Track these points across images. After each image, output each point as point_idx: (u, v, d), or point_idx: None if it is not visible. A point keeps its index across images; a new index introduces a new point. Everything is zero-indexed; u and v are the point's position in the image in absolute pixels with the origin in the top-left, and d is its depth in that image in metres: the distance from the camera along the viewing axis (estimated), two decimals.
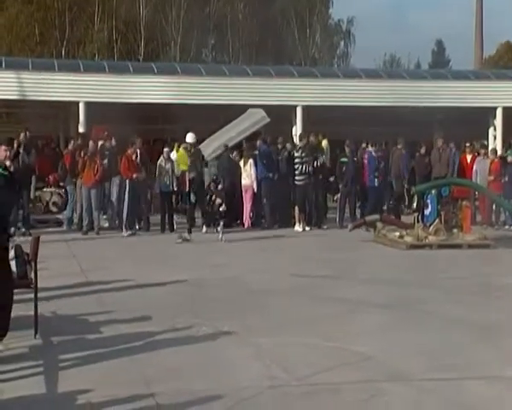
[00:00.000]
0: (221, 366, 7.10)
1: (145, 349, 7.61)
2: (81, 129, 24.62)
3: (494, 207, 19.94)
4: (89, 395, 6.14)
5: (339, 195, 20.70)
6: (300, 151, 19.35)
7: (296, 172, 19.20)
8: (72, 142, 20.18)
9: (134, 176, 18.38)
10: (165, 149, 19.27)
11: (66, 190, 20.04)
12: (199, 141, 23.64)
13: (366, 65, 52.97)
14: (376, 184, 19.90)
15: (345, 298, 10.46)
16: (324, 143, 21.91)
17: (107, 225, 19.37)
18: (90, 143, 18.97)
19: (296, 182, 19.23)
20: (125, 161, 18.41)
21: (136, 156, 18.78)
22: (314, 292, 10.97)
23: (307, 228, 19.20)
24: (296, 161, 19.25)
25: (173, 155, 20.00)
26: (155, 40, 50.05)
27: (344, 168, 19.97)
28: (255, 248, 16.30)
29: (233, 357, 7.41)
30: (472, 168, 20.49)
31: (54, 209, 22.06)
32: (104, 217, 20.20)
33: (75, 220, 19.08)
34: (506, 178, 19.58)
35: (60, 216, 20.27)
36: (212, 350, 7.65)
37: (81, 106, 25.83)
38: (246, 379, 6.66)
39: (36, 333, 7.93)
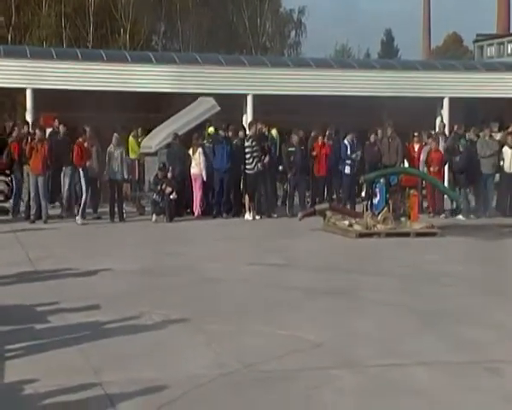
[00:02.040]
0: (171, 354, 7.07)
1: (94, 338, 7.53)
2: (28, 116, 24.27)
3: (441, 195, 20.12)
4: (36, 385, 6.06)
5: (287, 183, 20.77)
6: (250, 140, 19.32)
7: (246, 161, 19.17)
8: (16, 129, 19.81)
9: (87, 164, 18.19)
10: (115, 136, 19.02)
11: (12, 178, 19.71)
12: (150, 130, 23.61)
13: (317, 55, 53.16)
14: (348, 172, 20.10)
15: (295, 286, 10.49)
16: (274, 132, 21.91)
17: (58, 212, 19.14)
18: (37, 130, 18.68)
19: (246, 171, 19.19)
20: (78, 150, 18.18)
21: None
22: (265, 280, 10.99)
23: (257, 217, 19.21)
24: (247, 150, 19.21)
25: None
26: (105, 27, 49.57)
27: (292, 158, 20.00)
28: (206, 237, 16.25)
29: (184, 345, 7.38)
30: (419, 157, 20.69)
31: (0, 198, 21.67)
32: (51, 205, 19.95)
33: (22, 209, 18.80)
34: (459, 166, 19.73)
35: (6, 205, 19.94)
36: (162, 338, 7.61)
37: (28, 93, 25.47)
38: (196, 367, 6.63)
39: None
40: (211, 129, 21.55)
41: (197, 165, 19.37)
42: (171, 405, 5.71)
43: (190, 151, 19.65)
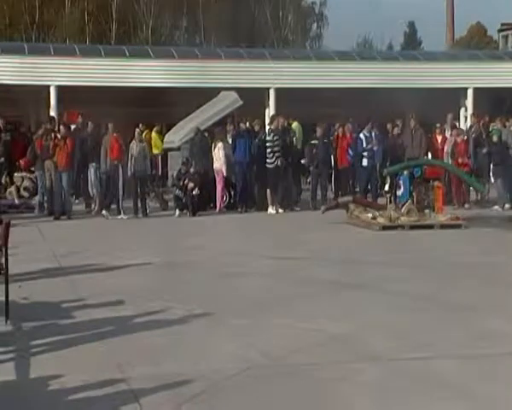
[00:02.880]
0: (195, 348, 7.09)
1: (118, 334, 7.57)
2: (52, 113, 24.43)
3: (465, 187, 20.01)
4: (61, 381, 6.10)
5: (310, 177, 20.77)
6: (272, 135, 19.30)
7: (268, 156, 19.14)
8: (42, 126, 19.98)
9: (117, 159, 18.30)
10: (137, 132, 19.09)
11: (36, 175, 19.86)
12: (173, 124, 23.64)
13: (339, 47, 52.96)
14: (366, 164, 20.05)
15: (318, 279, 10.49)
16: (295, 125, 21.86)
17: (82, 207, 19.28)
18: (61, 126, 18.81)
19: (268, 165, 19.16)
20: (116, 145, 18.26)
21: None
22: (288, 274, 11.00)
23: (280, 210, 19.19)
24: (268, 144, 19.19)
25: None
26: (127, 23, 49.74)
27: (314, 150, 19.98)
28: (229, 231, 16.30)
29: (207, 339, 7.40)
30: (443, 149, 20.58)
31: (25, 194, 21.82)
32: (76, 201, 20.09)
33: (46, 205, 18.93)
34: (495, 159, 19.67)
35: (32, 201, 20.09)
36: (186, 333, 7.64)
37: (52, 90, 25.64)
38: (220, 361, 6.66)
39: (7, 319, 7.85)
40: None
41: (217, 160, 19.40)
42: (195, 399, 5.73)
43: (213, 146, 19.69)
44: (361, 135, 20.45)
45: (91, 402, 5.69)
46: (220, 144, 19.42)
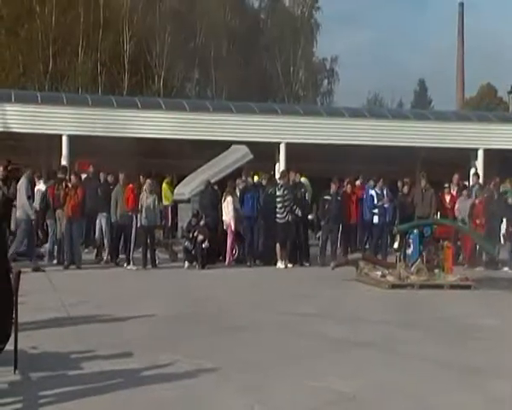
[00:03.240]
0: (204, 404, 7.03)
1: (126, 386, 7.52)
2: (64, 162, 24.58)
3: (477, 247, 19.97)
4: None
5: (320, 232, 20.76)
6: (282, 189, 19.37)
7: (278, 210, 19.19)
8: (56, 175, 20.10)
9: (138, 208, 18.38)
10: (148, 183, 19.19)
11: (46, 224, 19.91)
12: (184, 176, 23.75)
13: (349, 103, 53.36)
14: (376, 221, 20.05)
15: (328, 336, 10.42)
16: (303, 180, 21.92)
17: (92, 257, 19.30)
18: (72, 175, 18.91)
19: (278, 220, 19.19)
20: (130, 194, 18.36)
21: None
22: (297, 330, 10.93)
23: (289, 265, 19.17)
24: (278, 199, 19.25)
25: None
26: (139, 74, 50.25)
27: (327, 206, 20.03)
28: (237, 285, 16.24)
29: (215, 395, 7.34)
30: (452, 208, 20.60)
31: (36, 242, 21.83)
32: (86, 250, 20.11)
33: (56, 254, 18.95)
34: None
35: (41, 249, 20.10)
36: (194, 388, 7.58)
37: (64, 139, 25.84)
38: None
39: (15, 369, 7.80)
40: (256, 177, 21.61)
41: (227, 213, 19.46)
42: None
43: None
44: (372, 192, 20.50)
45: None
46: (229, 198, 19.49)
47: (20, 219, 17.83)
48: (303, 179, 21.87)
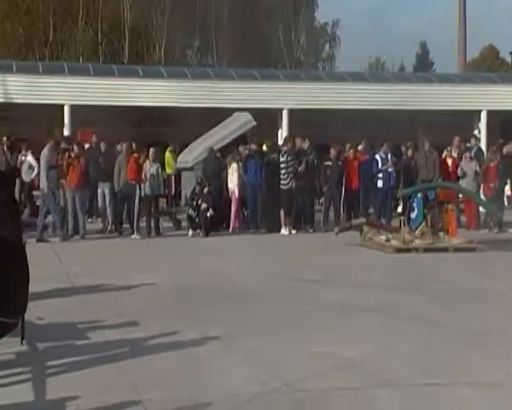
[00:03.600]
0: (210, 372, 7.07)
1: (133, 355, 7.56)
2: (66, 132, 24.54)
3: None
4: (77, 402, 6.09)
5: (323, 198, 20.75)
6: (285, 156, 19.33)
7: (281, 177, 19.17)
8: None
9: (142, 177, 18.36)
10: (151, 151, 19.18)
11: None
12: (186, 144, 23.71)
13: (351, 68, 53.09)
14: (381, 186, 20.05)
15: (332, 302, 10.45)
16: (306, 146, 21.84)
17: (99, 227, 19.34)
18: (75, 146, 18.88)
19: (281, 186, 19.19)
20: (132, 164, 18.36)
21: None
22: (302, 296, 10.96)
23: (293, 232, 19.19)
24: (282, 165, 19.23)
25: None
26: (140, 43, 49.98)
27: (328, 172, 19.99)
28: (242, 253, 16.27)
29: (221, 363, 7.38)
30: (454, 171, 20.55)
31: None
32: (90, 220, 20.13)
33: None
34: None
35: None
36: (200, 356, 7.61)
37: (66, 109, 25.76)
38: (235, 386, 6.63)
39: (22, 339, 7.81)
40: (264, 146, 21.59)
41: (231, 181, 19.46)
42: None
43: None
44: (377, 156, 20.45)
45: None
46: (234, 165, 19.48)
47: (43, 189, 18.00)
48: (305, 145, 21.80)
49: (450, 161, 20.84)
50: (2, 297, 1.34)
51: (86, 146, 20.73)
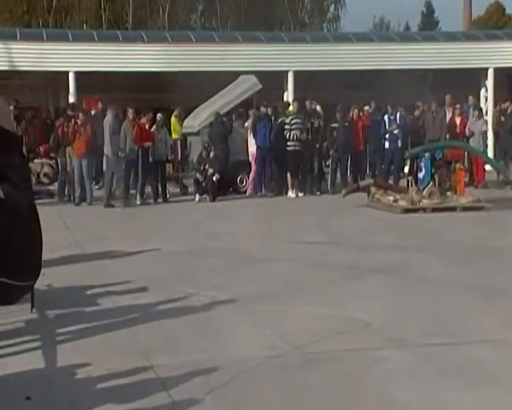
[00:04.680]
0: (220, 335, 7.07)
1: (143, 321, 7.57)
2: (71, 99, 24.43)
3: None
4: (88, 369, 6.11)
5: (330, 160, 20.66)
6: (290, 118, 19.25)
7: (288, 139, 19.11)
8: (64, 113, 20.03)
9: (146, 144, 18.28)
10: (158, 116, 19.08)
11: (57, 161, 19.90)
12: (192, 109, 23.59)
13: (355, 29, 52.69)
14: (388, 146, 19.99)
15: (341, 264, 10.44)
16: (318, 108, 21.72)
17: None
18: (80, 113, 18.81)
19: (287, 148, 19.13)
20: (138, 130, 18.30)
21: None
22: (310, 259, 10.94)
23: (300, 194, 19.14)
24: (286, 127, 19.16)
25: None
26: (143, 8, 49.62)
27: (335, 134, 19.89)
28: (249, 216, 16.25)
29: (232, 326, 7.38)
30: (463, 131, 20.43)
31: (45, 180, 21.87)
32: (96, 187, 20.10)
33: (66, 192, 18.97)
34: None
35: (51, 187, 20.14)
36: (211, 320, 7.62)
37: (71, 76, 25.63)
38: (246, 349, 6.63)
39: (32, 307, 7.84)
40: (290, 107, 21.43)
41: (251, 145, 19.51)
42: (222, 388, 5.71)
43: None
44: (385, 117, 20.33)
45: (120, 391, 5.69)
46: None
47: (107, 156, 18.23)
48: (318, 107, 21.68)
49: (458, 120, 20.69)
50: (14, 261, 1.33)
51: (92, 113, 20.65)
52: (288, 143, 19.08)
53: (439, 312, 7.80)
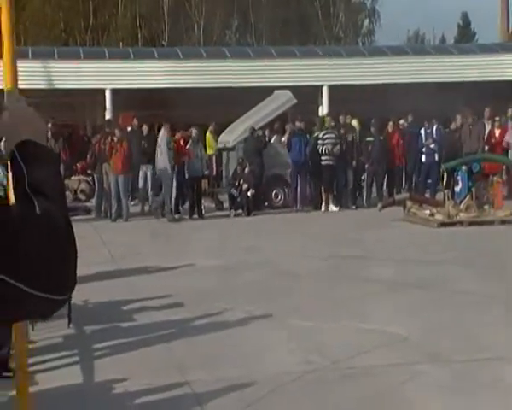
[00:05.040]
0: (256, 351, 7.07)
1: (179, 336, 7.59)
2: (108, 116, 24.69)
3: None
4: (124, 384, 6.14)
5: (365, 174, 20.59)
6: (323, 133, 19.28)
7: (320, 153, 19.11)
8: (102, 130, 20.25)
9: (182, 160, 18.41)
10: (194, 132, 19.18)
11: (93, 178, 20.09)
12: (227, 125, 23.69)
13: (391, 43, 52.49)
14: (424, 160, 19.93)
15: (377, 278, 10.38)
16: (354, 122, 21.69)
17: (138, 209, 19.45)
18: (117, 129, 18.97)
19: (321, 162, 19.13)
20: (176, 146, 18.46)
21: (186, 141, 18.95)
22: (346, 273, 10.91)
23: (336, 209, 19.09)
24: (319, 142, 19.17)
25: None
26: (179, 24, 50.02)
27: (370, 148, 19.85)
28: (285, 231, 16.22)
29: (268, 342, 7.37)
30: (501, 143, 20.24)
31: (82, 197, 22.11)
32: (132, 203, 20.24)
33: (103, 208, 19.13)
34: None
35: (88, 204, 20.33)
36: (246, 335, 7.62)
37: (107, 93, 25.92)
38: (282, 364, 6.62)
39: (69, 322, 7.89)
40: (354, 121, 21.46)
41: None
42: (258, 403, 5.70)
43: None
44: (421, 131, 20.26)
45: (156, 406, 5.71)
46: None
47: (160, 171, 18.35)
48: (354, 122, 21.67)
49: (497, 133, 20.50)
50: (49, 275, 1.35)
51: (128, 129, 20.83)
52: (322, 158, 19.08)
53: (476, 327, 7.72)
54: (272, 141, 21.14)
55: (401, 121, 21.87)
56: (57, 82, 25.90)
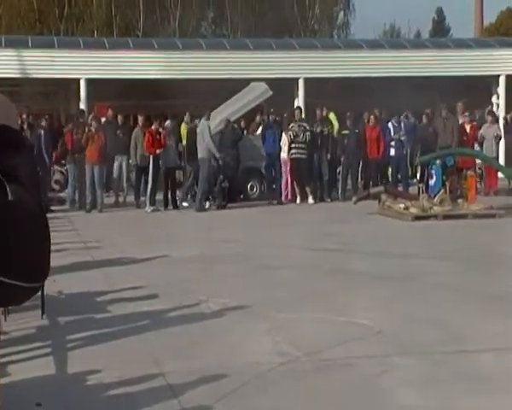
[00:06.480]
0: (231, 342, 7.05)
1: (153, 328, 7.56)
2: (82, 106, 24.51)
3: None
4: (98, 376, 6.10)
5: (340, 167, 20.62)
6: (291, 126, 19.31)
7: (291, 147, 19.10)
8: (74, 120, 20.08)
9: (157, 151, 18.29)
10: (168, 124, 19.11)
11: (67, 168, 19.94)
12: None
13: (365, 36, 52.62)
14: (393, 154, 20.03)
15: (352, 271, 10.41)
16: (331, 115, 21.67)
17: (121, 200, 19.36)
18: (93, 120, 18.83)
19: (291, 156, 19.11)
20: (149, 137, 18.32)
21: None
22: (321, 266, 10.91)
23: (311, 201, 19.10)
24: (289, 133, 19.19)
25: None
26: (154, 15, 49.76)
27: (346, 141, 19.87)
28: (259, 223, 16.23)
29: (243, 333, 7.36)
30: (473, 137, 20.34)
31: (56, 187, 21.92)
32: (107, 194, 20.13)
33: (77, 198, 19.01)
34: None
35: (62, 194, 20.19)
36: (221, 327, 7.60)
37: (82, 83, 25.71)
38: (257, 356, 6.61)
39: (43, 313, 7.84)
40: (331, 114, 21.42)
41: (284, 151, 19.46)
42: (233, 394, 5.69)
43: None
44: (389, 124, 20.32)
45: (130, 398, 5.67)
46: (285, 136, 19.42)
47: (202, 160, 18.31)
48: (331, 115, 21.65)
49: (468, 127, 20.62)
50: (19, 261, 1.32)
51: (103, 120, 20.68)
52: (291, 151, 19.04)
53: (451, 319, 7.76)
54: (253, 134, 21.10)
55: (376, 114, 21.88)
56: (31, 71, 25.66)
